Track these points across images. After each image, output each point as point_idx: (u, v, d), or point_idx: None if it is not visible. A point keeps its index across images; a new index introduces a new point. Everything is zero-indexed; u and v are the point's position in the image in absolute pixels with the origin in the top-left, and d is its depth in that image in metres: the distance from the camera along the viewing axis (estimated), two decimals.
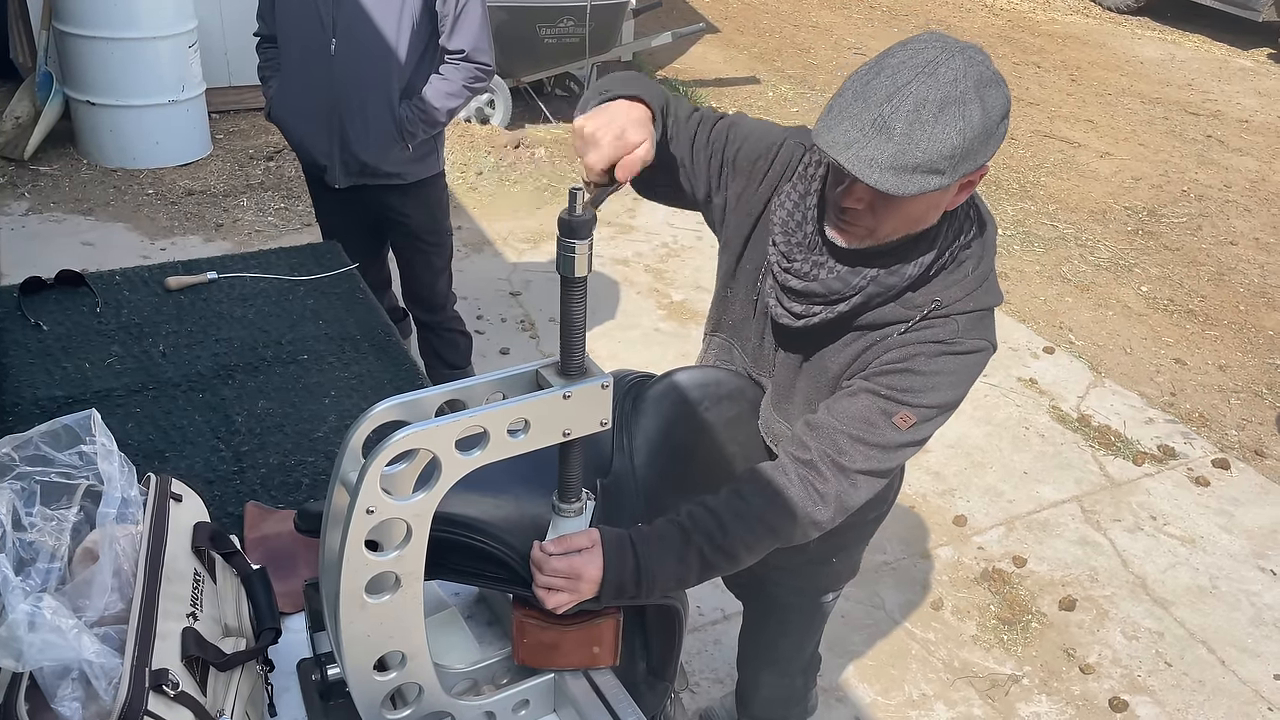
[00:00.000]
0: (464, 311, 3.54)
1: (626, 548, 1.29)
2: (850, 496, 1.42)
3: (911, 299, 1.42)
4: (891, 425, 1.39)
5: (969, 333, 1.42)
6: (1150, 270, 5.32)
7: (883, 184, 1.22)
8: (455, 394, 1.14)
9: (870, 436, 1.39)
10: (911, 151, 1.21)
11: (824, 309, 1.43)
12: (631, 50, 6.98)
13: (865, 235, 1.37)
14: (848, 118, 1.24)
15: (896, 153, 1.21)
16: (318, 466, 1.84)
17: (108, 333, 2.17)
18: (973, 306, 1.42)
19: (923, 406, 1.40)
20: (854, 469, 1.40)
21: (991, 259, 1.47)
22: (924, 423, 1.41)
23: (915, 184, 1.23)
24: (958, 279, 1.42)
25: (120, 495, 1.29)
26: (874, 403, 1.40)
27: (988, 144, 1.26)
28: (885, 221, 1.34)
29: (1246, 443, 3.96)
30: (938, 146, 1.21)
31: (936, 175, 1.23)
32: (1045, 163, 6.69)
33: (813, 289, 1.42)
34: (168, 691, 1.07)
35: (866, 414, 1.40)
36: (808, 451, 1.40)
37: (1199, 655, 2.94)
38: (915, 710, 2.68)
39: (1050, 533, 3.37)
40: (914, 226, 1.36)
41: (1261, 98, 8.62)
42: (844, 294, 1.41)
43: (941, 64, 1.22)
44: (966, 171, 1.26)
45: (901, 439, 1.41)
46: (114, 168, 5.20)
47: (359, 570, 1.07)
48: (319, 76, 2.78)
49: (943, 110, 1.21)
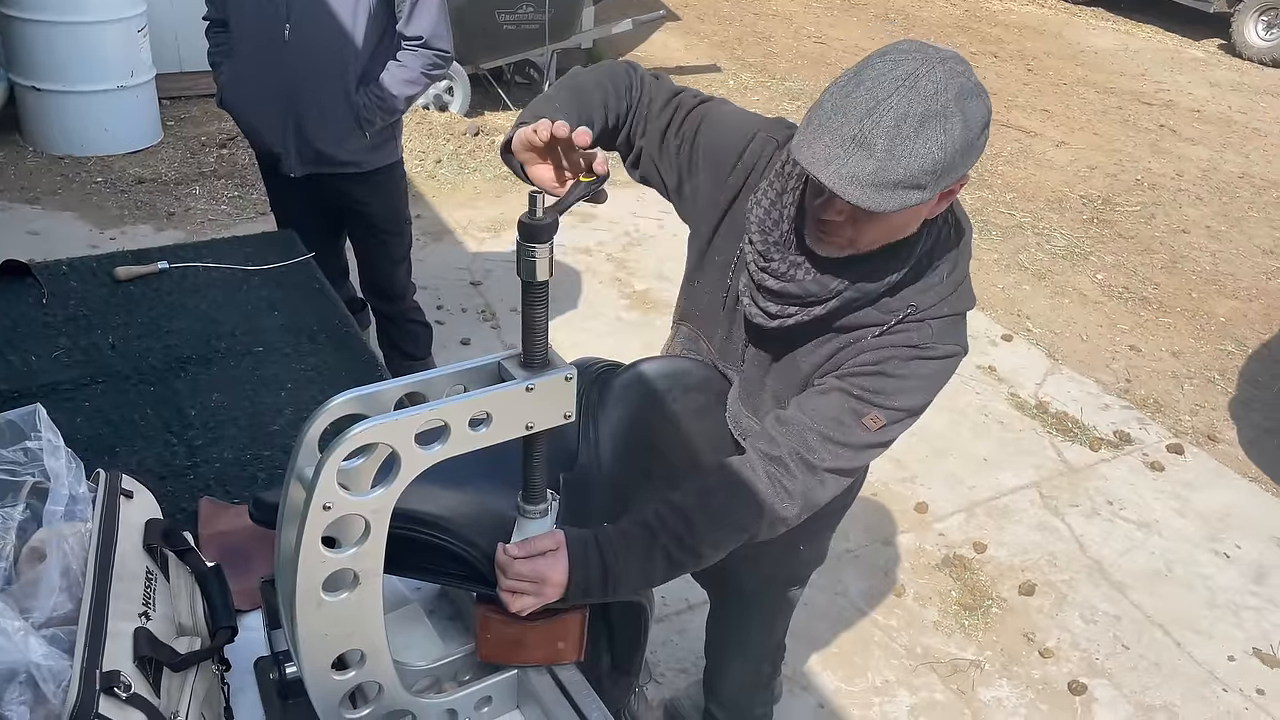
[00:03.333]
0: (424, 301, 3.50)
1: (592, 549, 1.27)
2: (817, 494, 1.42)
3: (888, 303, 1.42)
4: (861, 425, 1.40)
5: (943, 338, 1.43)
6: (1105, 258, 5.39)
7: (864, 201, 1.20)
8: (415, 387, 1.11)
9: (839, 436, 1.39)
10: (893, 168, 1.19)
11: (800, 311, 1.42)
12: (591, 37, 6.93)
13: (846, 245, 1.35)
14: (827, 132, 1.21)
15: (878, 169, 1.19)
16: (274, 461, 1.81)
17: (55, 325, 2.11)
18: (947, 311, 1.43)
19: (893, 409, 1.40)
20: (822, 467, 1.40)
21: (966, 264, 1.47)
22: (892, 424, 1.42)
23: (897, 200, 1.21)
24: (933, 284, 1.42)
25: (68, 492, 1.25)
26: (845, 402, 1.40)
27: (969, 155, 1.24)
28: (865, 233, 1.33)
29: (1200, 428, 4.02)
30: (919, 162, 1.19)
31: (918, 190, 1.21)
32: (1002, 152, 6.75)
33: (789, 290, 1.40)
34: (119, 694, 1.04)
35: (837, 413, 1.40)
36: (777, 448, 1.40)
37: (1155, 638, 2.98)
38: (878, 697, 2.70)
39: (1010, 519, 3.40)
40: (894, 236, 1.35)
41: (1213, 88, 8.77)
42: (821, 297, 1.40)
43: (922, 76, 1.19)
44: (948, 184, 1.25)
45: (870, 439, 1.41)
46: (61, 155, 5.08)
47: (316, 568, 1.04)
48: (272, 63, 2.72)
49: (924, 125, 1.18)
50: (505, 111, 6.33)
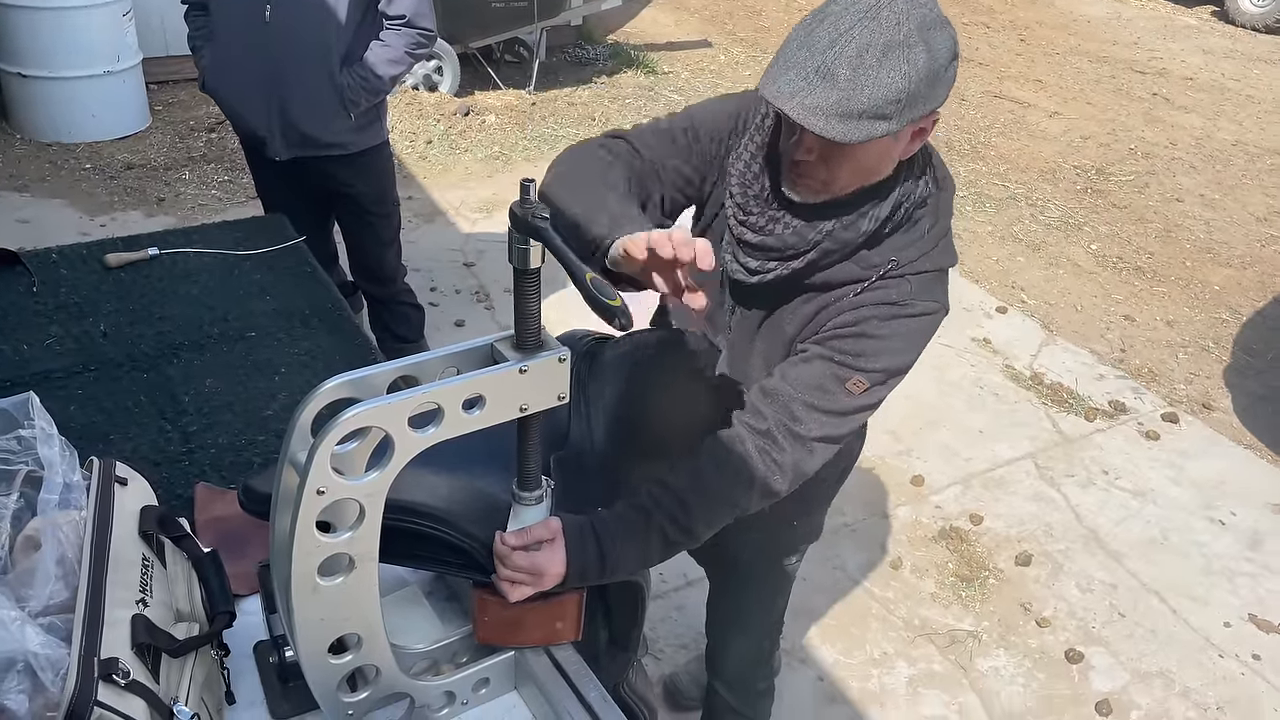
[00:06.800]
0: (417, 283, 3.49)
1: (589, 537, 1.27)
2: (806, 464, 1.41)
3: (867, 257, 1.41)
4: (845, 391, 1.38)
5: (922, 295, 1.41)
6: (1099, 228, 5.38)
7: (828, 131, 1.21)
8: (407, 370, 1.11)
9: (824, 403, 1.38)
10: (856, 97, 1.20)
11: (779, 265, 1.42)
12: (581, 14, 6.89)
13: (820, 188, 1.36)
14: (792, 67, 1.23)
15: (841, 99, 1.20)
16: (269, 445, 1.80)
17: (46, 313, 2.10)
18: (928, 267, 1.42)
19: (875, 370, 1.39)
20: (810, 436, 1.39)
21: (948, 220, 1.46)
22: (877, 386, 1.40)
23: (862, 130, 1.22)
24: (914, 239, 1.41)
25: (62, 480, 1.25)
26: (827, 368, 1.39)
27: (935, 87, 1.24)
28: (838, 172, 1.33)
29: (1194, 396, 4.03)
30: (882, 91, 1.20)
31: (883, 121, 1.22)
32: (995, 123, 6.73)
33: (768, 243, 1.41)
34: (118, 681, 1.04)
35: (820, 380, 1.39)
36: (764, 421, 1.39)
37: (1151, 605, 3.00)
38: (877, 668, 2.72)
39: (1006, 490, 3.42)
40: (868, 177, 1.35)
41: (1206, 55, 8.73)
42: (799, 249, 1.40)
43: (883, 8, 1.20)
44: (915, 117, 1.25)
45: (855, 404, 1.40)
46: (49, 142, 5.04)
47: (310, 553, 1.04)
48: (254, 45, 2.69)
49: (886, 55, 1.19)
50: (495, 90, 6.29)
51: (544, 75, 6.64)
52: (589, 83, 6.80)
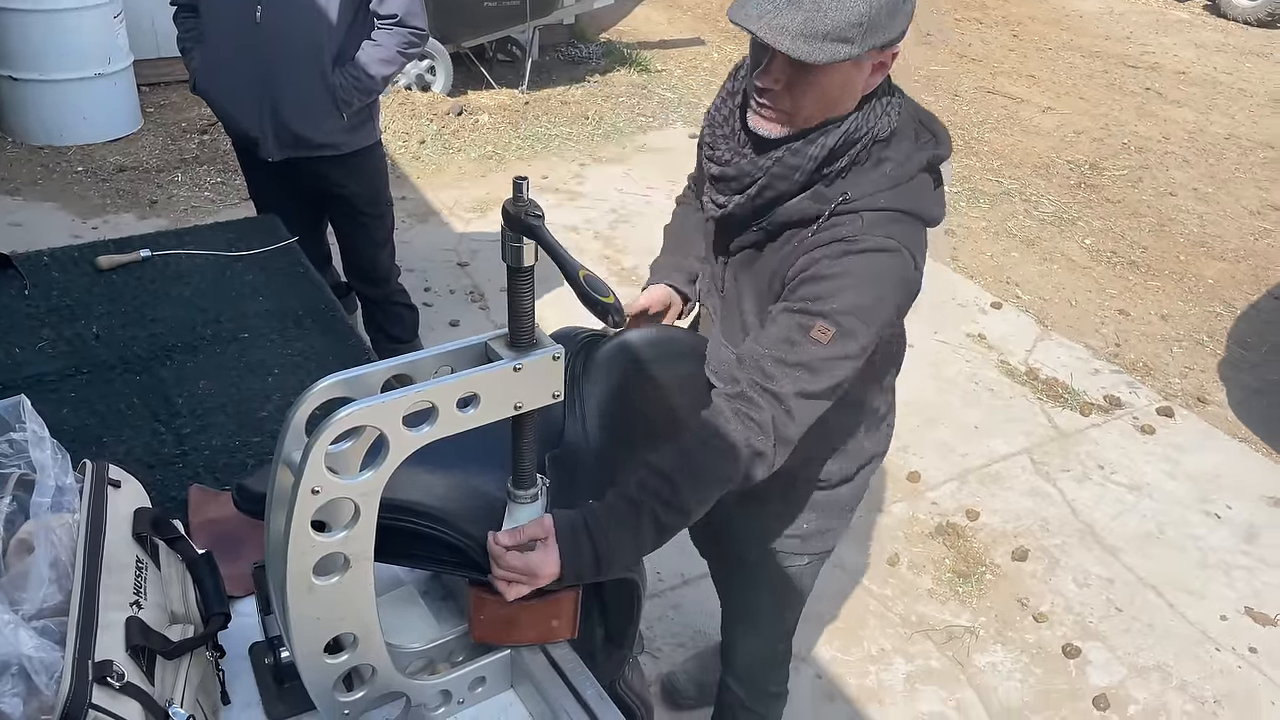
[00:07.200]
0: (411, 283, 3.49)
1: (581, 534, 1.25)
2: (787, 426, 1.38)
3: (822, 192, 1.42)
4: (811, 340, 1.37)
5: (873, 230, 1.39)
6: (1093, 223, 5.39)
7: (794, 51, 1.28)
8: (401, 369, 1.10)
9: (792, 356, 1.37)
10: (820, 19, 1.27)
11: (739, 196, 1.46)
12: (574, 12, 6.89)
13: (784, 120, 1.40)
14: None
15: (805, 20, 1.27)
16: (263, 446, 1.80)
17: (38, 316, 2.10)
18: (883, 205, 1.41)
19: (836, 314, 1.37)
20: (783, 392, 1.37)
21: (919, 171, 1.45)
22: (844, 334, 1.37)
23: (825, 52, 1.28)
24: (871, 176, 1.42)
25: (54, 483, 1.25)
26: (790, 320, 1.39)
27: (895, 17, 1.31)
28: (802, 101, 1.37)
29: (1189, 390, 4.04)
30: (845, 15, 1.27)
31: (845, 44, 1.29)
32: (989, 119, 6.73)
33: (727, 173, 1.47)
34: (112, 683, 1.04)
35: (786, 333, 1.38)
36: (737, 385, 1.39)
37: (1148, 600, 3.00)
38: (875, 665, 2.72)
39: (1001, 485, 3.42)
40: (831, 108, 1.39)
41: (1198, 49, 8.75)
42: (753, 175, 1.44)
43: None
44: (875, 44, 1.31)
45: (825, 354, 1.37)
46: (41, 145, 5.03)
47: (305, 552, 1.04)
48: (245, 46, 2.68)
49: None
50: (488, 90, 6.28)
51: (537, 74, 6.64)
52: (582, 81, 6.80)
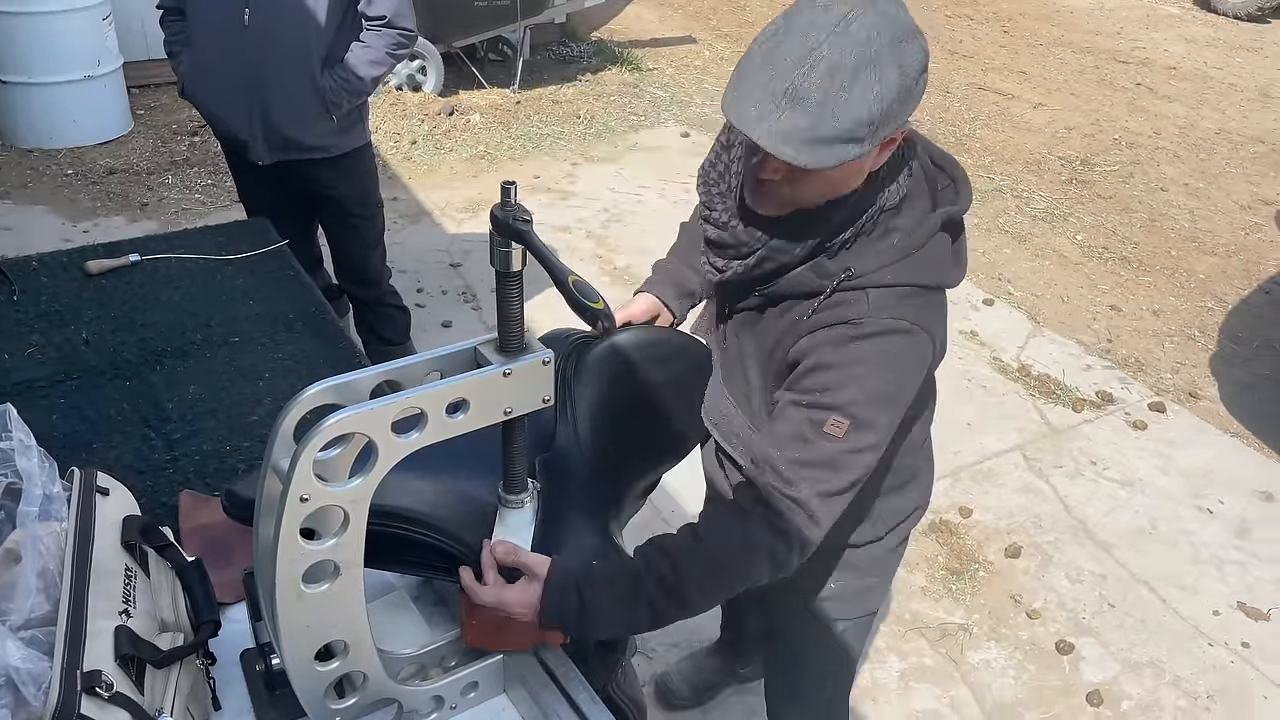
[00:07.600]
0: (403, 284, 3.48)
1: (571, 591, 1.22)
2: (811, 530, 1.29)
3: (824, 265, 1.32)
4: (824, 436, 1.26)
5: (880, 311, 1.28)
6: (1084, 219, 5.39)
7: (799, 159, 1.15)
8: (391, 374, 1.10)
9: (807, 454, 1.27)
10: (828, 123, 1.13)
11: (737, 263, 1.38)
12: (565, 11, 6.87)
13: (786, 204, 1.30)
14: (758, 86, 1.16)
15: (812, 125, 1.13)
16: (254, 452, 1.79)
17: (26, 321, 2.09)
18: (891, 280, 1.30)
19: (848, 406, 1.26)
20: (804, 498, 1.27)
21: (929, 238, 1.34)
22: (860, 426, 1.27)
23: (834, 156, 1.16)
24: (878, 248, 1.31)
25: (41, 492, 1.24)
26: (800, 415, 1.29)
27: (906, 104, 1.18)
28: (802, 191, 1.27)
29: (1181, 385, 4.05)
30: (855, 114, 1.13)
31: (855, 144, 1.16)
32: (980, 115, 6.74)
33: (724, 239, 1.38)
34: (101, 693, 1.03)
35: (798, 430, 1.28)
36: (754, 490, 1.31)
37: (1141, 595, 3.01)
38: (868, 663, 2.72)
39: (994, 482, 3.42)
40: (836, 191, 1.28)
41: (1188, 44, 8.76)
42: (751, 247, 1.35)
43: (854, 21, 1.13)
44: (887, 134, 1.19)
45: (842, 448, 1.27)
46: (30, 148, 5.01)
47: (295, 560, 1.04)
48: (233, 49, 2.67)
49: (857, 75, 1.12)
50: (479, 89, 6.27)
51: (528, 74, 6.63)
52: (573, 80, 6.79)
